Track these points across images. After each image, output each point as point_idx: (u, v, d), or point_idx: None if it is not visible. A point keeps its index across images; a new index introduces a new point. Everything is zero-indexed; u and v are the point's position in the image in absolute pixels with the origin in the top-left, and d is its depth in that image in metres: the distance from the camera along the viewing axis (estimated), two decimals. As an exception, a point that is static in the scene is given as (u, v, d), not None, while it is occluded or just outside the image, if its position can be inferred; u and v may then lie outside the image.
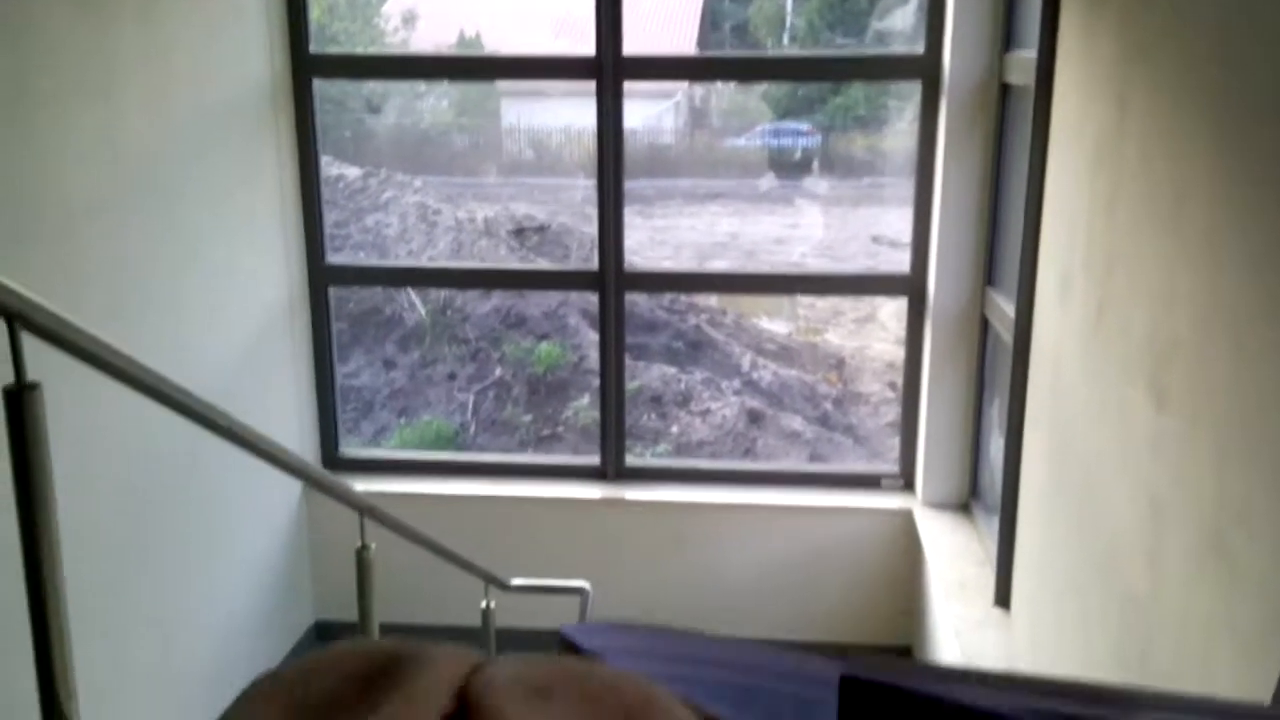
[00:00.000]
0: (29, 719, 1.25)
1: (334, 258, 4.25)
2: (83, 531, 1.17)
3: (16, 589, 1.18)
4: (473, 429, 5.86)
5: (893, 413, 5.42)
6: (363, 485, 3.47)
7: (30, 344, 1.07)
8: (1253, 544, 1.39)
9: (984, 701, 0.31)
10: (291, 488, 4.07)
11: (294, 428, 4.04)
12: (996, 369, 3.52)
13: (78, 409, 2.28)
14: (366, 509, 2.09)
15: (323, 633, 4.25)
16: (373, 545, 2.05)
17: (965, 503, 3.81)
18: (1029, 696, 0.32)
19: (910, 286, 3.87)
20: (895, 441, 4.15)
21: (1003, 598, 3.09)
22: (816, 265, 6.26)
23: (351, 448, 4.63)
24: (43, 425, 1.07)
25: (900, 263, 4.00)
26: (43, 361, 1.22)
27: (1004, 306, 3.20)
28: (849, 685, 0.33)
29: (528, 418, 5.85)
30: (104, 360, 1.17)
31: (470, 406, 5.92)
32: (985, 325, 3.62)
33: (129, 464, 2.90)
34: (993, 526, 3.27)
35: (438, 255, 6.26)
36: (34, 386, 1.06)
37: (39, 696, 1.25)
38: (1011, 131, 3.38)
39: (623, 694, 0.33)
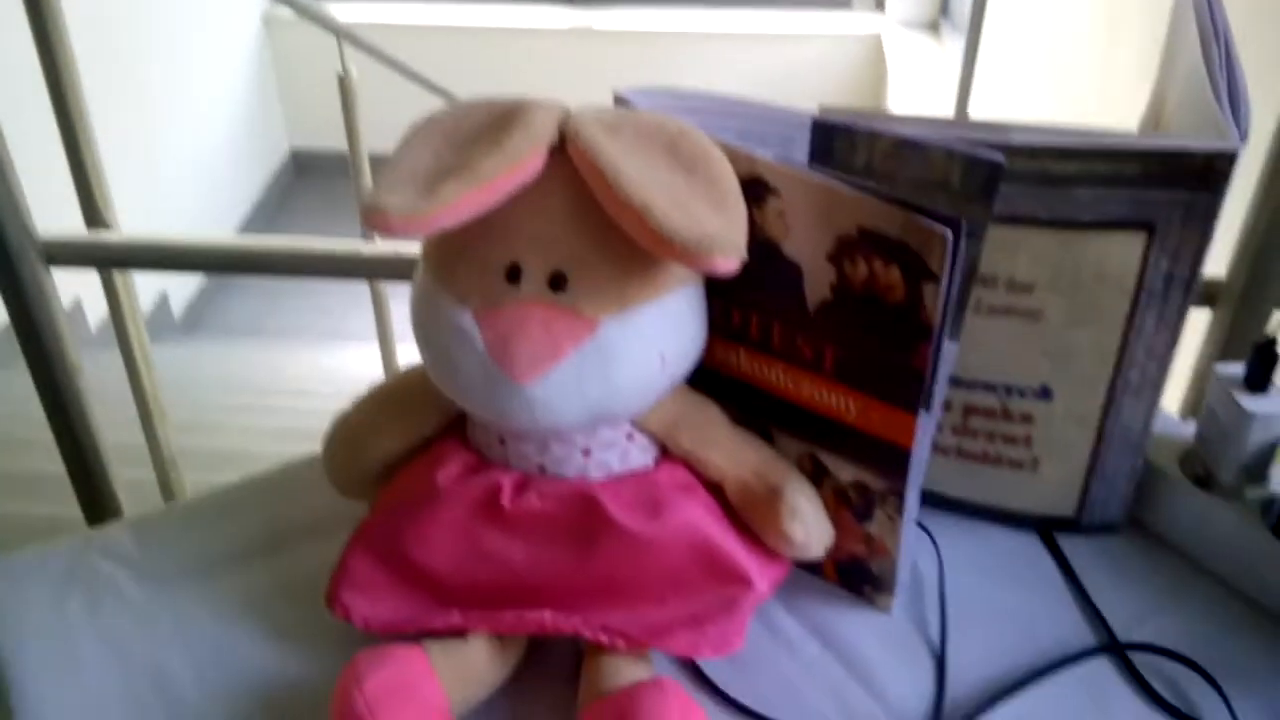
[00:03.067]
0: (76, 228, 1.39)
1: None
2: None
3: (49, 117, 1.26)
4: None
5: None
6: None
7: None
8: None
9: (911, 133, 0.43)
10: (251, 16, 3.98)
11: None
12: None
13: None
14: (343, 33, 2.10)
15: (299, 160, 4.38)
16: (353, 70, 2.09)
17: (935, 21, 3.82)
18: (949, 130, 0.44)
19: None
20: (869, -42, 4.04)
21: (963, 112, 3.22)
22: None
23: (305, -29, 4.44)
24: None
25: None
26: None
27: None
28: (817, 126, 0.46)
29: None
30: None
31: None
32: None
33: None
34: (959, 46, 3.32)
35: None
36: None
37: (80, 208, 1.38)
38: None
39: (666, 127, 0.47)
